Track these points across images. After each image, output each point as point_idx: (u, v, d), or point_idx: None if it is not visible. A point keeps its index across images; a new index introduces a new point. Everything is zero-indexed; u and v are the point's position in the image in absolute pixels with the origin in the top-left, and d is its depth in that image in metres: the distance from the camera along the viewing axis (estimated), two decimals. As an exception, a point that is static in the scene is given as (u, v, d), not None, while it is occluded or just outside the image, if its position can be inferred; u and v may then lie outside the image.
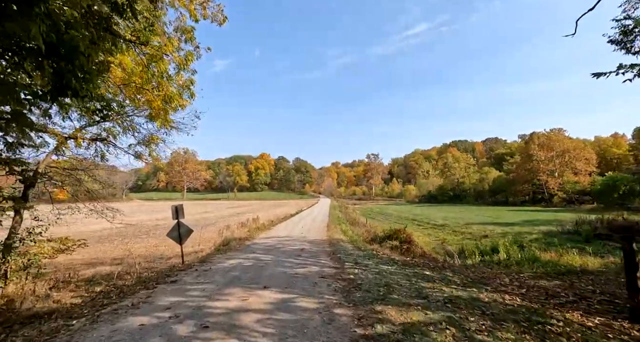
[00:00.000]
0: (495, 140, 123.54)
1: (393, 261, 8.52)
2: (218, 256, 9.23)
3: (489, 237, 21.79)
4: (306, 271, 6.86)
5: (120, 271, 10.86)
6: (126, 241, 19.81)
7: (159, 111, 7.41)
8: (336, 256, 9.10)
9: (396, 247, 12.50)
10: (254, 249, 10.84)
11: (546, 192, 58.59)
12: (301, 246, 11.60)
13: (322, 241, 13.04)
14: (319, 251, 10.38)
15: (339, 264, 7.85)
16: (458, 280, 6.58)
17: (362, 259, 8.76)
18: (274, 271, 6.79)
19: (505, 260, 10.23)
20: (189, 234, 8.98)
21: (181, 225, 8.71)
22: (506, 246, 12.38)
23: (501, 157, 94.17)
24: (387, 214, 45.86)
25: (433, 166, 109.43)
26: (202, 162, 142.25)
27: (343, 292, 4.90)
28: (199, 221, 30.90)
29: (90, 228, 24.28)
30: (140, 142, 8.10)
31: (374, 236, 14.28)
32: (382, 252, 10.50)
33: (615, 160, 71.72)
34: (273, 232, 16.75)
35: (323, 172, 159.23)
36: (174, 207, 8.69)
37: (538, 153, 60.12)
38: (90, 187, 11.62)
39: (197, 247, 15.76)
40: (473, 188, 74.37)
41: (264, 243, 12.42)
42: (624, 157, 71.49)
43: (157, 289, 5.03)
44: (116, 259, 14.45)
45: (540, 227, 23.17)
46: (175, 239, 8.60)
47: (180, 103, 7.65)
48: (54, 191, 9.75)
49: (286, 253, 9.74)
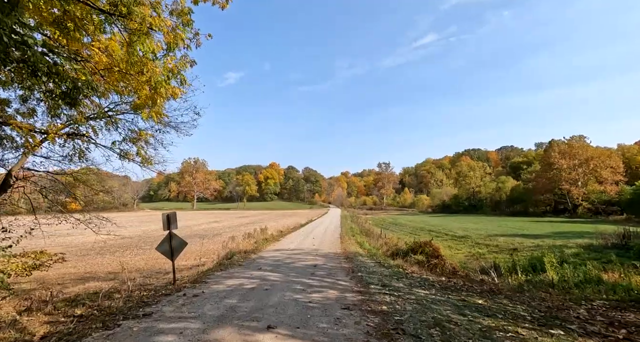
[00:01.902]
0: (511, 149, 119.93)
1: (428, 283, 6.93)
2: (216, 274, 7.82)
3: (518, 250, 19.75)
4: (323, 297, 5.37)
5: (110, 288, 9.55)
6: (128, 253, 18.68)
7: (147, 101, 6.19)
8: (357, 275, 7.57)
9: (422, 262, 10.84)
10: (260, 264, 9.40)
11: (569, 202, 55.39)
12: (314, 260, 10.10)
13: (336, 255, 11.50)
14: (334, 267, 8.86)
15: (362, 286, 6.32)
16: (523, 312, 4.98)
17: (390, 279, 7.20)
18: (283, 297, 5.32)
19: (561, 281, 8.47)
20: (183, 247, 7.63)
21: (173, 237, 7.39)
22: (553, 263, 10.59)
23: (517, 166, 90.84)
24: (400, 225, 43.78)
25: (446, 175, 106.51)
26: (212, 172, 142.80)
27: (381, 339, 3.39)
28: (207, 231, 29.71)
29: (92, 239, 23.33)
30: (127, 138, 6.90)
31: (395, 250, 12.64)
32: (410, 269, 8.89)
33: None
34: (282, 244, 15.28)
35: (333, 181, 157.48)
36: (165, 216, 7.39)
37: (559, 161, 57.21)
38: (80, 195, 10.49)
39: (199, 261, 14.40)
40: (489, 198, 71.32)
41: (271, 257, 10.97)
42: (649, 166, 67.71)
43: (117, 331, 3.59)
44: (111, 273, 13.22)
45: (575, 240, 20.95)
46: (165, 253, 7.26)
47: (171, 91, 6.43)
48: (35, 198, 8.64)
49: (297, 270, 8.26)
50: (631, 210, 44.87)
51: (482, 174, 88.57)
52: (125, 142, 6.97)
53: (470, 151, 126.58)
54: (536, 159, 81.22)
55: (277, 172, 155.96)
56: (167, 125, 9.54)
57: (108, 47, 6.01)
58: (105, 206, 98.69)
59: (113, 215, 50.42)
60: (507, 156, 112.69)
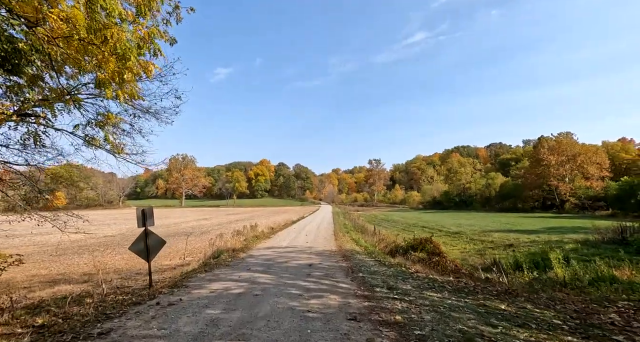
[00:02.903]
0: (500, 146, 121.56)
1: (438, 284, 6.21)
2: (200, 276, 6.93)
3: (514, 246, 19.42)
4: (323, 304, 4.57)
5: (82, 291, 8.54)
6: (108, 252, 17.48)
7: (113, 76, 5.22)
8: (357, 275, 6.81)
9: (424, 260, 10.19)
10: (250, 264, 8.54)
11: (557, 198, 56.20)
12: (308, 259, 9.30)
13: (332, 253, 10.73)
14: (332, 266, 8.08)
15: (365, 289, 5.56)
16: (555, 319, 4.31)
17: (394, 280, 6.47)
18: (276, 305, 4.50)
19: (573, 279, 7.93)
20: (160, 246, 6.70)
21: (149, 234, 6.46)
22: (559, 260, 10.10)
23: (506, 162, 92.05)
24: (393, 221, 43.44)
25: (437, 172, 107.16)
26: (201, 168, 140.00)
27: (406, 365, 2.62)
28: (195, 229, 28.58)
29: (72, 237, 21.95)
30: (92, 122, 5.91)
31: (394, 247, 11.97)
32: (413, 268, 8.19)
33: (624, 166, 69.51)
34: (273, 242, 14.43)
35: (324, 178, 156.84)
36: (140, 211, 6.45)
37: (548, 157, 57.92)
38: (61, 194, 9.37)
39: (184, 260, 13.43)
40: (479, 194, 71.92)
41: (262, 256, 10.12)
42: (632, 163, 69.52)
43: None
44: (86, 275, 12.15)
45: (570, 236, 20.80)
46: (140, 253, 6.33)
47: (143, 66, 5.48)
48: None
49: (290, 271, 7.45)
50: (617, 205, 45.67)
51: (472, 171, 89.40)
52: (90, 126, 5.97)
53: (460, 148, 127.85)
54: (524, 156, 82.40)
55: (268, 169, 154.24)
56: (146, 112, 8.54)
57: (69, 16, 4.99)
58: (90, 203, 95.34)
59: (98, 212, 48.87)
60: (496, 153, 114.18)
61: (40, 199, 8.68)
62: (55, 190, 10.37)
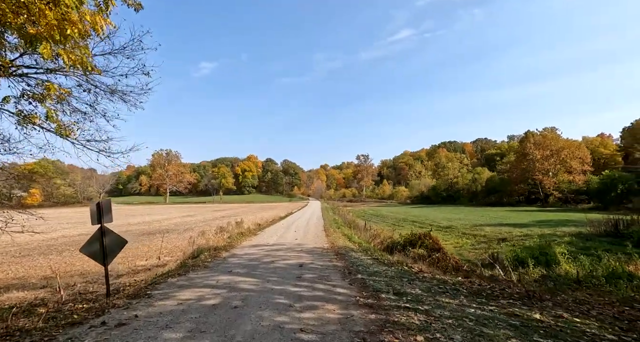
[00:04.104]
0: (486, 141, 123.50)
1: (449, 287, 5.36)
2: (170, 281, 5.84)
3: (508, 240, 19.07)
4: (320, 318, 3.61)
5: (36, 299, 7.35)
6: (78, 252, 15.98)
7: (50, 31, 4.04)
8: (356, 278, 5.89)
9: (423, 257, 9.39)
10: (231, 265, 7.49)
11: (541, 192, 57.22)
12: (298, 258, 8.33)
13: (324, 250, 9.79)
14: (326, 266, 7.14)
15: (368, 295, 4.64)
16: (603, 331, 3.51)
17: (399, 282, 5.58)
18: (259, 321, 3.50)
19: (588, 276, 7.29)
20: (120, 246, 5.58)
21: (107, 233, 5.32)
22: (564, 255, 9.53)
23: (491, 157, 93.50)
24: (382, 216, 42.99)
25: (425, 166, 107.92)
26: (186, 164, 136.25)
27: None
28: (178, 226, 27.12)
29: (43, 236, 20.23)
30: (27, 94, 4.69)
31: (390, 243, 11.15)
32: (416, 267, 7.34)
33: (602, 160, 71.71)
34: (260, 239, 13.38)
35: (312, 174, 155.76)
36: (95, 205, 5.29)
37: (534, 152, 58.83)
38: None
39: (160, 260, 12.21)
40: (466, 189, 72.64)
41: (246, 255, 9.07)
42: (610, 157, 71.87)
43: None
44: (47, 279, 10.79)
45: (562, 229, 20.64)
46: (94, 256, 5.20)
47: (91, 20, 4.33)
48: None
49: (278, 272, 6.46)
50: (598, 198, 46.78)
51: (460, 165, 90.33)
52: (26, 100, 4.75)
53: (446, 143, 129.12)
54: (509, 151, 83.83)
55: (255, 165, 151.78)
56: (112, 93, 7.33)
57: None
58: (68, 200, 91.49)
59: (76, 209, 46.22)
60: (482, 148, 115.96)
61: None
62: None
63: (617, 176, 45.75)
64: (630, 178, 44.97)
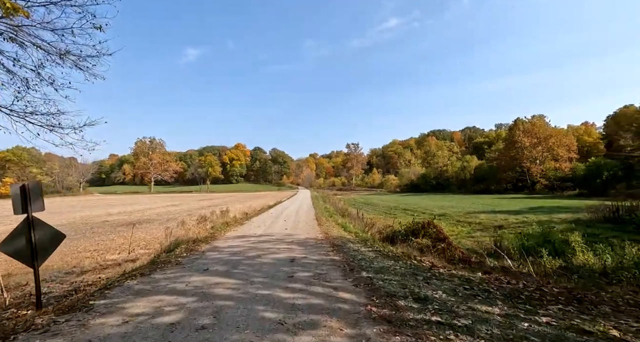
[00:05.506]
0: (474, 130, 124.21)
1: (476, 286, 4.34)
2: (126, 285, 4.61)
3: (505, 228, 18.53)
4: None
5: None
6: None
7: None
8: (361, 276, 4.81)
9: (428, 247, 8.44)
10: (209, 261, 6.30)
11: (529, 179, 57.84)
12: (289, 251, 7.22)
13: (319, 242, 8.71)
14: (322, 261, 6.04)
15: (383, 302, 3.57)
16: None
17: (414, 281, 4.53)
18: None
19: (616, 267, 6.48)
20: (56, 243, 4.30)
21: (38, 226, 4.03)
22: (579, 243, 8.77)
23: (480, 146, 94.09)
24: (373, 204, 42.37)
25: (414, 155, 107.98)
26: (172, 153, 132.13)
27: None
28: (161, 216, 25.55)
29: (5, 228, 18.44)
30: None
31: (389, 232, 10.16)
32: (426, 260, 6.32)
33: (586, 148, 73.12)
34: (246, 229, 12.19)
35: (301, 163, 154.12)
36: (20, 189, 3.96)
37: (522, 139, 59.12)
38: None
39: (131, 254, 10.89)
40: (455, 177, 72.95)
41: (229, 249, 7.88)
42: (594, 145, 73.37)
43: None
44: None
45: (558, 215, 20.27)
46: (19, 255, 3.92)
47: None
48: None
49: (265, 270, 5.32)
50: (584, 185, 47.48)
51: (449, 154, 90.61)
52: None
53: (435, 132, 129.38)
54: (497, 139, 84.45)
55: (243, 154, 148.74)
56: (62, 56, 5.97)
57: None
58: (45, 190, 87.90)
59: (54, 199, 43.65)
60: (470, 137, 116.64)
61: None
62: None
63: (603, 163, 46.35)
64: (615, 165, 45.65)
